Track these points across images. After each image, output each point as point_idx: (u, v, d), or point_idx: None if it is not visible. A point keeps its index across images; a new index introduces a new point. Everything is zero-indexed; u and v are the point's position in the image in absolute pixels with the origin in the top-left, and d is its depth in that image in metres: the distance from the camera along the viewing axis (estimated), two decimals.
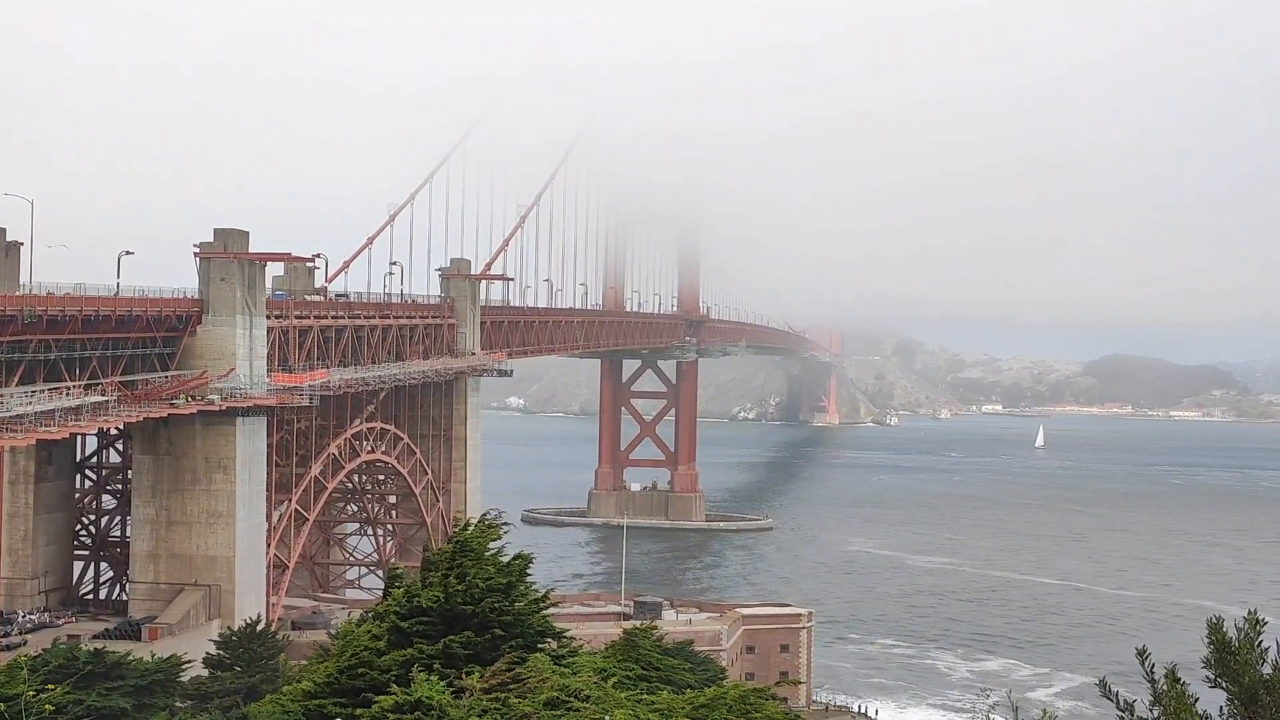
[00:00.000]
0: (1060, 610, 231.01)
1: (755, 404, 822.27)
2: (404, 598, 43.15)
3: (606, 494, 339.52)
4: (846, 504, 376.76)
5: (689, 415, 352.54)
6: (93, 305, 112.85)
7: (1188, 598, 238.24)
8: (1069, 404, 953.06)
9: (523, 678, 36.16)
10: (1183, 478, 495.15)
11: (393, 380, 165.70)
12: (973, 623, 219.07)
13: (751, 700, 36.63)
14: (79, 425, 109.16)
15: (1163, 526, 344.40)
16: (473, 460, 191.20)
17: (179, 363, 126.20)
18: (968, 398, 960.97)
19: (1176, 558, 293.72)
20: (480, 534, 44.77)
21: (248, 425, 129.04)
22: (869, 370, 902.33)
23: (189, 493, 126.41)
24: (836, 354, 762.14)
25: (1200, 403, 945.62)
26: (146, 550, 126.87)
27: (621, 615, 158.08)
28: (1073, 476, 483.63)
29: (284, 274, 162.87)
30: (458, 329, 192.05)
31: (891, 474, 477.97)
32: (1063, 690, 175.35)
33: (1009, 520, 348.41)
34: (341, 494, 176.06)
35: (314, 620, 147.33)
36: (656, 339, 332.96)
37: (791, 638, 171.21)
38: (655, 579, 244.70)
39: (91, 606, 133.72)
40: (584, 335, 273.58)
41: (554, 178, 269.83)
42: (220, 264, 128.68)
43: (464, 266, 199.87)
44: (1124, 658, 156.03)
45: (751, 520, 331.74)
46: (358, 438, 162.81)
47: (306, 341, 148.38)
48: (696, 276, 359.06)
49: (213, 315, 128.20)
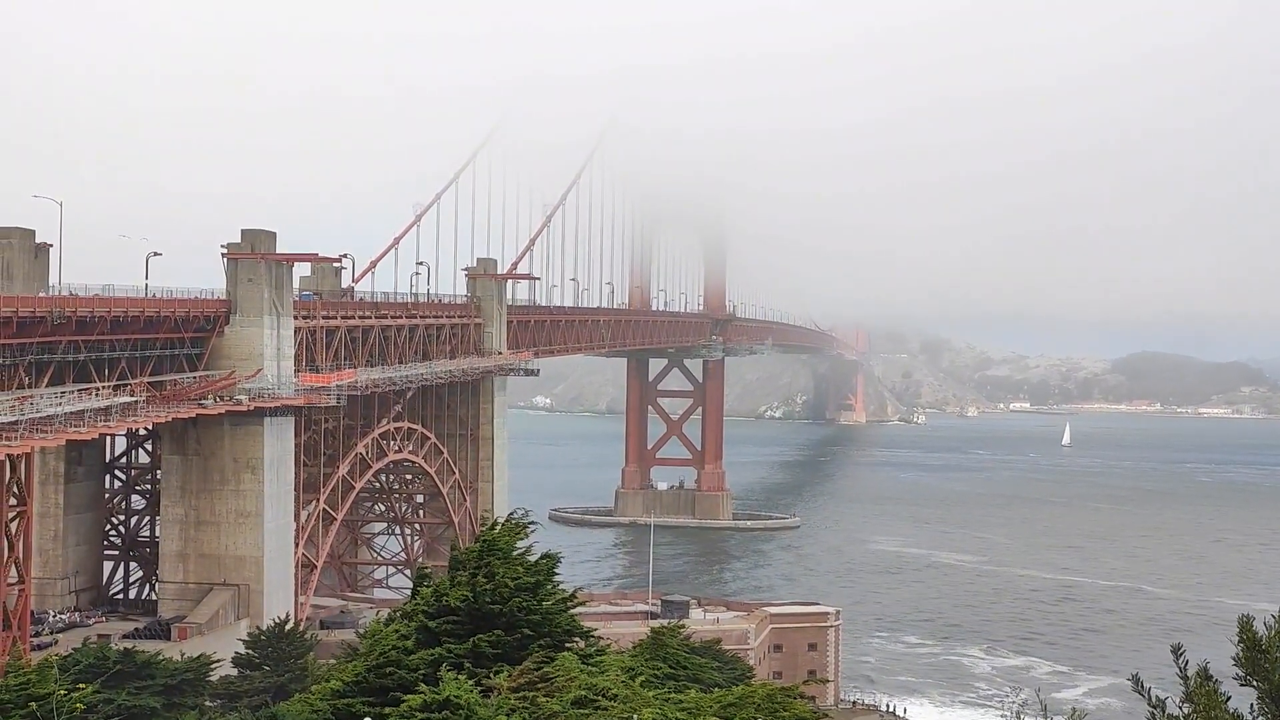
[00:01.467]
0: (1087, 608, 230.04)
1: (782, 402, 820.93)
2: (432, 597, 43.24)
3: (633, 493, 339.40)
4: (873, 502, 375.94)
5: (715, 414, 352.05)
6: (121, 306, 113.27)
7: (1216, 595, 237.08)
8: (1097, 401, 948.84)
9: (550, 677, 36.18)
10: (1211, 475, 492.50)
11: (419, 380, 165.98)
12: (1000, 621, 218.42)
13: (779, 699, 36.56)
14: (108, 426, 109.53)
15: (1190, 524, 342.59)
16: (499, 460, 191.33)
17: (207, 363, 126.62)
18: (995, 396, 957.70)
19: (1204, 556, 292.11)
20: (508, 533, 44.84)
21: (275, 425, 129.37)
22: (896, 368, 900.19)
23: (217, 493, 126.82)
24: (863, 352, 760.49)
25: (1229, 400, 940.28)
26: (175, 550, 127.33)
27: (649, 614, 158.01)
28: (1100, 474, 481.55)
29: (311, 274, 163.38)
30: (484, 328, 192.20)
31: (918, 472, 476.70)
32: (1090, 689, 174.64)
33: (1035, 518, 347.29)
34: (369, 493, 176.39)
35: (342, 620, 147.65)
36: (682, 338, 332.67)
37: (819, 636, 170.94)
38: (682, 578, 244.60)
39: (121, 606, 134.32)
40: (610, 334, 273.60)
41: (579, 177, 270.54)
42: (248, 265, 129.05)
43: (490, 266, 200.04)
44: (1152, 656, 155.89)
45: (778, 519, 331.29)
46: (385, 437, 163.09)
47: (334, 342, 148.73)
48: (722, 275, 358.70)
49: (240, 316, 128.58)
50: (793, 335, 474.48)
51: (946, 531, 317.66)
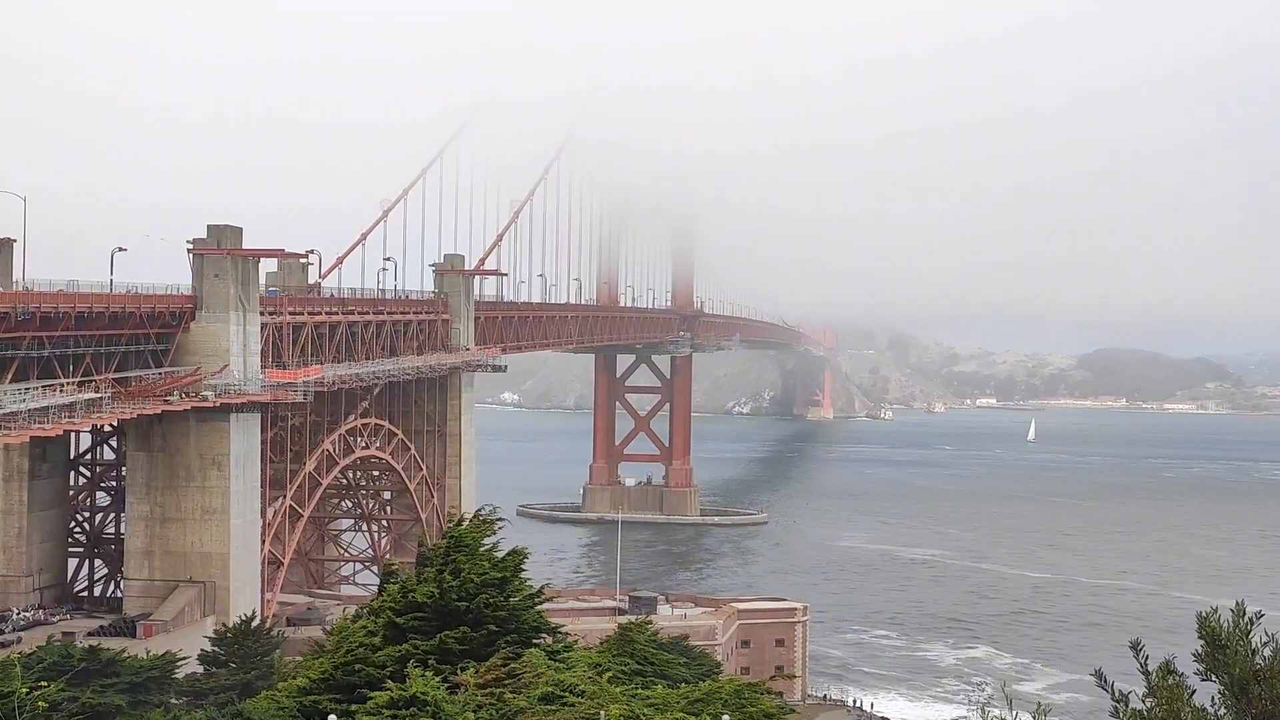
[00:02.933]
0: (1051, 603, 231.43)
1: (750, 398, 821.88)
2: (399, 593, 43.20)
3: (601, 489, 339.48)
4: (840, 498, 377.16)
5: (683, 410, 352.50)
6: (86, 302, 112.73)
7: (1177, 590, 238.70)
8: (1063, 397, 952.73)
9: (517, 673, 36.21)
10: (1175, 470, 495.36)
11: (387, 376, 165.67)
12: (966, 615, 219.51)
13: (746, 694, 36.69)
14: (73, 422, 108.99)
15: (1154, 519, 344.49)
16: (467, 456, 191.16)
17: (173, 359, 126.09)
18: (962, 391, 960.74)
19: (1167, 550, 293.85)
20: (475, 530, 44.84)
21: (242, 421, 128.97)
22: (863, 364, 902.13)
23: (183, 489, 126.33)
24: (831, 348, 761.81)
25: (1194, 395, 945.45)
26: (141, 547, 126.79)
27: (616, 610, 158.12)
28: (1064, 470, 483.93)
29: (277, 270, 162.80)
30: (452, 324, 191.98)
31: (885, 468, 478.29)
32: (1054, 684, 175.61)
33: (1000, 513, 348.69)
34: (336, 490, 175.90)
35: (309, 616, 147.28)
36: (651, 334, 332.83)
37: (786, 632, 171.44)
38: (650, 574, 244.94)
39: (86, 603, 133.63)
40: (578, 330, 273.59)
41: (547, 173, 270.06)
42: (214, 260, 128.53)
43: (458, 262, 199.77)
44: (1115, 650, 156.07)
45: (746, 514, 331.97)
46: (352, 434, 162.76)
47: (300, 337, 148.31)
48: (690, 271, 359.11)
49: (206, 311, 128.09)
50: (760, 331, 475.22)
51: (912, 527, 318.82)
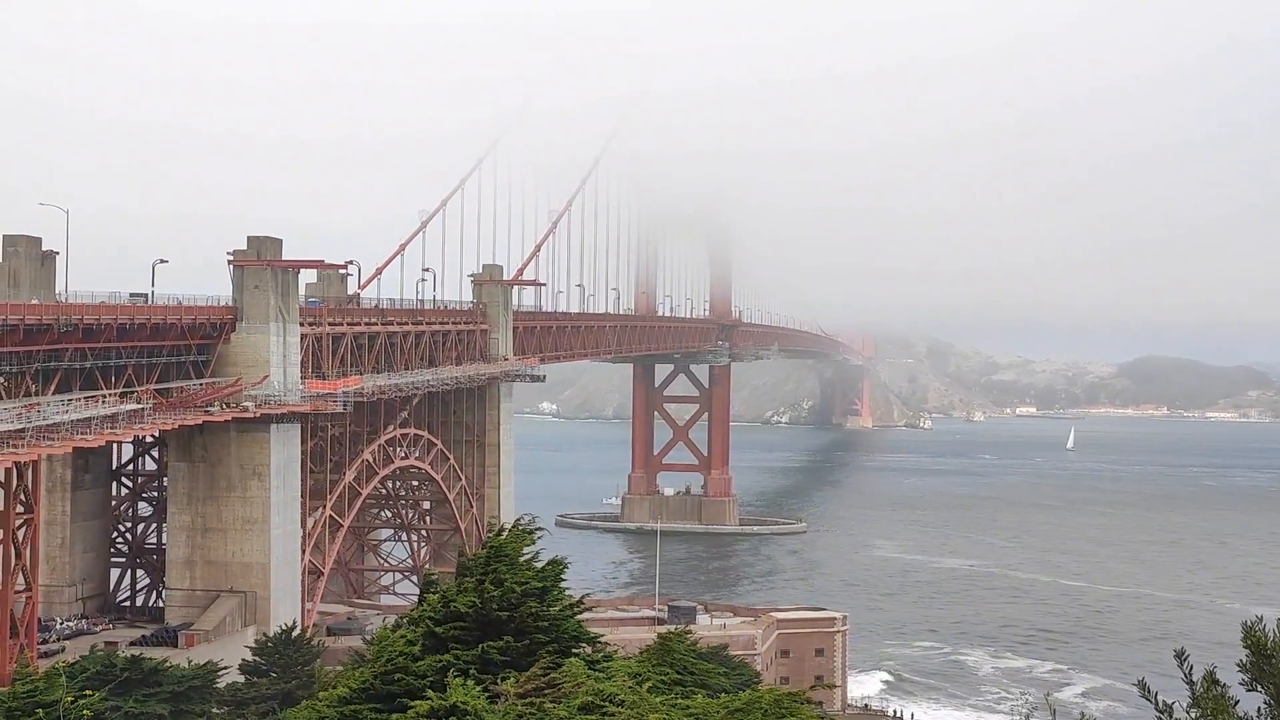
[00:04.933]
0: (1092, 612, 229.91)
1: (788, 408, 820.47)
2: (439, 603, 43.20)
3: (640, 499, 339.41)
4: (880, 507, 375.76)
5: (722, 419, 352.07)
6: (127, 313, 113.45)
7: (1219, 599, 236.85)
8: (1103, 406, 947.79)
9: (557, 683, 36.18)
10: (1216, 479, 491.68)
11: (426, 386, 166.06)
12: (1006, 625, 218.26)
13: (786, 704, 36.53)
14: (115, 433, 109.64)
15: (1195, 528, 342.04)
16: (506, 466, 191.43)
17: (213, 370, 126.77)
18: (1001, 400, 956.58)
19: (1208, 559, 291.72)
20: (514, 539, 44.83)
21: (282, 432, 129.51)
22: (902, 373, 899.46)
23: (224, 499, 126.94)
24: (869, 357, 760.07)
25: (1236, 403, 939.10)
26: (182, 557, 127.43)
27: (655, 620, 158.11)
28: (1103, 479, 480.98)
29: (317, 281, 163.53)
30: (490, 335, 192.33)
31: (924, 477, 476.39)
32: (1090, 690, 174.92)
33: (1039, 522, 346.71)
34: (375, 500, 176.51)
35: (349, 626, 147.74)
36: (689, 343, 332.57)
37: (826, 641, 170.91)
38: (689, 583, 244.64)
39: (128, 613, 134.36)
40: (616, 340, 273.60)
41: (585, 183, 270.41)
42: (254, 271, 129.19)
43: (496, 272, 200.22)
44: (1154, 659, 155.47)
45: (785, 524, 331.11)
46: (391, 444, 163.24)
47: (340, 348, 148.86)
48: (728, 280, 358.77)
49: (246, 322, 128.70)
50: (799, 340, 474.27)
51: (951, 536, 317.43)
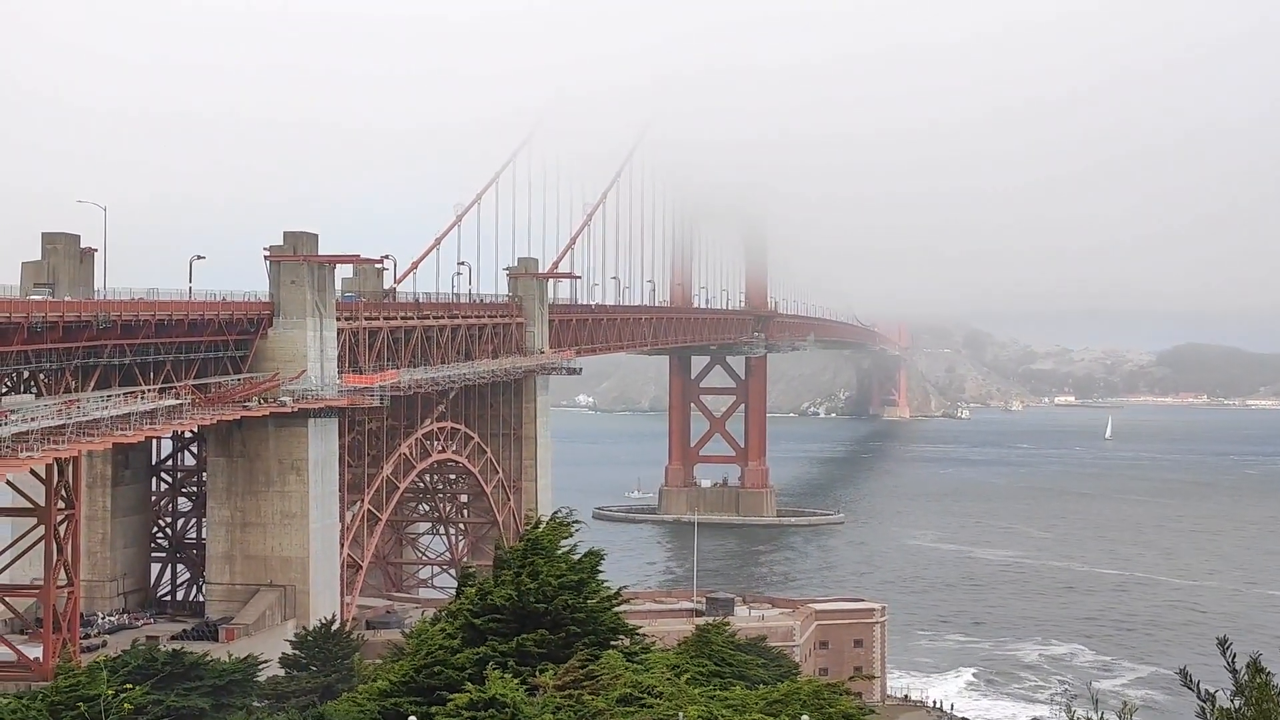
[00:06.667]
0: (1132, 601, 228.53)
1: (825, 398, 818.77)
2: (477, 596, 43.31)
3: (677, 490, 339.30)
4: (917, 498, 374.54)
5: (758, 411, 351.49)
6: (165, 310, 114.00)
7: (1262, 587, 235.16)
8: (1143, 394, 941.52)
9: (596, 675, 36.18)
10: (1258, 466, 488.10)
11: (462, 380, 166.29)
12: (1046, 615, 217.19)
13: (825, 695, 36.45)
14: (154, 429, 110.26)
15: (1236, 515, 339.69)
16: (543, 458, 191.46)
17: (251, 365, 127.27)
18: (1039, 389, 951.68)
19: (1250, 547, 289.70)
20: (551, 532, 44.86)
21: (319, 426, 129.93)
22: (939, 363, 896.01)
23: (263, 494, 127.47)
24: (905, 347, 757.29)
25: (1277, 391, 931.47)
26: (222, 552, 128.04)
27: (694, 612, 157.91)
28: (1143, 467, 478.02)
29: (353, 276, 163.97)
30: (526, 328, 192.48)
31: (962, 467, 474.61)
32: (1132, 680, 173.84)
33: (1079, 511, 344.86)
34: (413, 494, 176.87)
35: (388, 620, 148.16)
36: (724, 335, 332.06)
37: (865, 632, 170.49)
38: (727, 575, 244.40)
39: (169, 608, 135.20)
40: (652, 332, 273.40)
41: (620, 175, 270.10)
42: (290, 267, 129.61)
43: (531, 265, 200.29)
44: (1198, 648, 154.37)
45: (823, 515, 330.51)
46: (428, 438, 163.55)
47: (376, 342, 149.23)
48: (764, 271, 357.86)
49: (283, 318, 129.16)
50: (835, 331, 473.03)
51: (990, 526, 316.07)
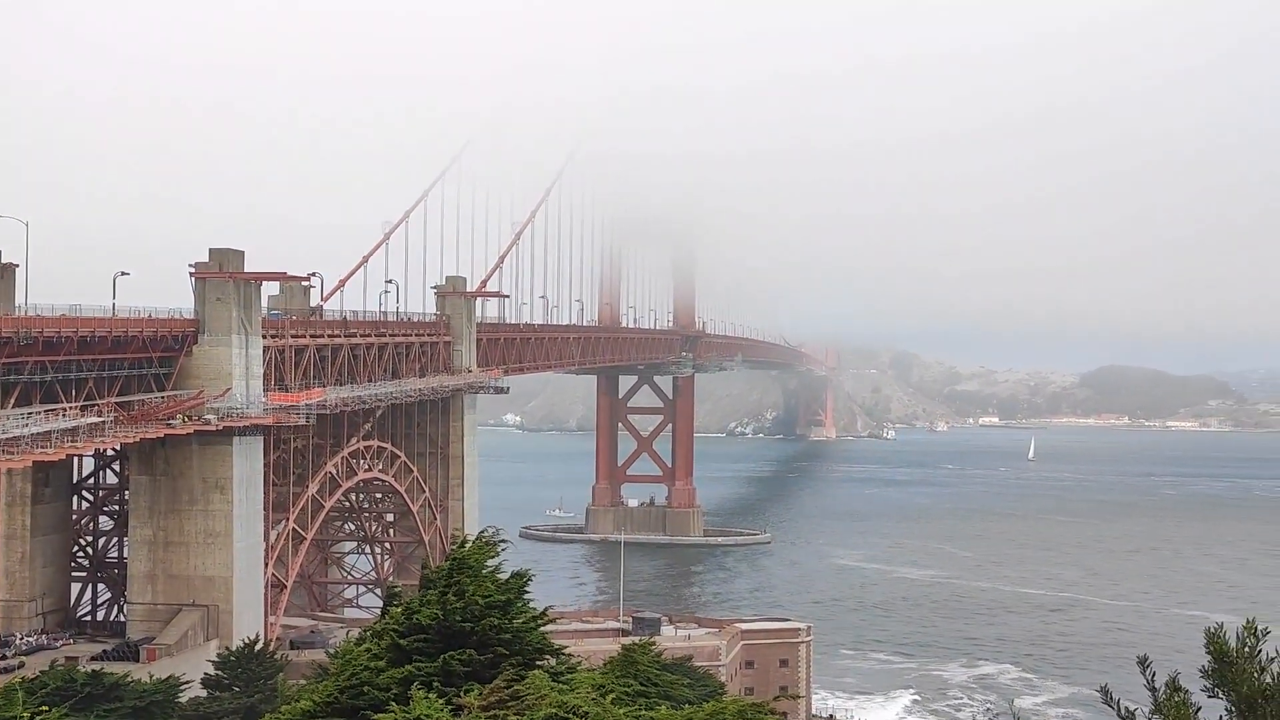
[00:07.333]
0: (1054, 620, 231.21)
1: (752, 419, 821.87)
2: (402, 615, 43.06)
3: (604, 510, 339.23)
4: (843, 518, 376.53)
5: (686, 430, 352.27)
6: (88, 326, 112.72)
7: (1178, 607, 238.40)
8: (1066, 415, 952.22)
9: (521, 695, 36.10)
10: (1176, 488, 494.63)
11: (389, 398, 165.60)
12: (969, 634, 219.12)
13: (750, 715, 36.52)
14: (75, 446, 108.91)
15: (1156, 536, 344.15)
16: (470, 478, 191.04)
17: (175, 383, 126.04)
18: (964, 410, 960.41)
19: (1169, 567, 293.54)
20: (478, 551, 44.71)
21: (244, 445, 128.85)
22: (865, 384, 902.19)
23: (186, 513, 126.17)
24: (832, 368, 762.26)
25: (1197, 413, 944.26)
26: (144, 571, 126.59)
27: (620, 631, 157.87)
28: (1065, 488, 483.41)
29: (280, 293, 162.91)
30: (453, 346, 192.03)
31: (888, 487, 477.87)
32: (1053, 698, 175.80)
33: (1002, 532, 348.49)
34: (339, 512, 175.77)
35: (312, 639, 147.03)
36: (652, 355, 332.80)
37: (790, 652, 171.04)
38: (653, 594, 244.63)
39: (89, 628, 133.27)
40: (580, 351, 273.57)
41: (549, 195, 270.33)
42: (216, 284, 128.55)
43: (459, 284, 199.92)
44: (1119, 666, 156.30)
45: (749, 535, 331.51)
46: (354, 456, 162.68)
47: (303, 360, 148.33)
48: (692, 292, 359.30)
49: (209, 335, 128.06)
50: (763, 351, 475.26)
51: (915, 546, 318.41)
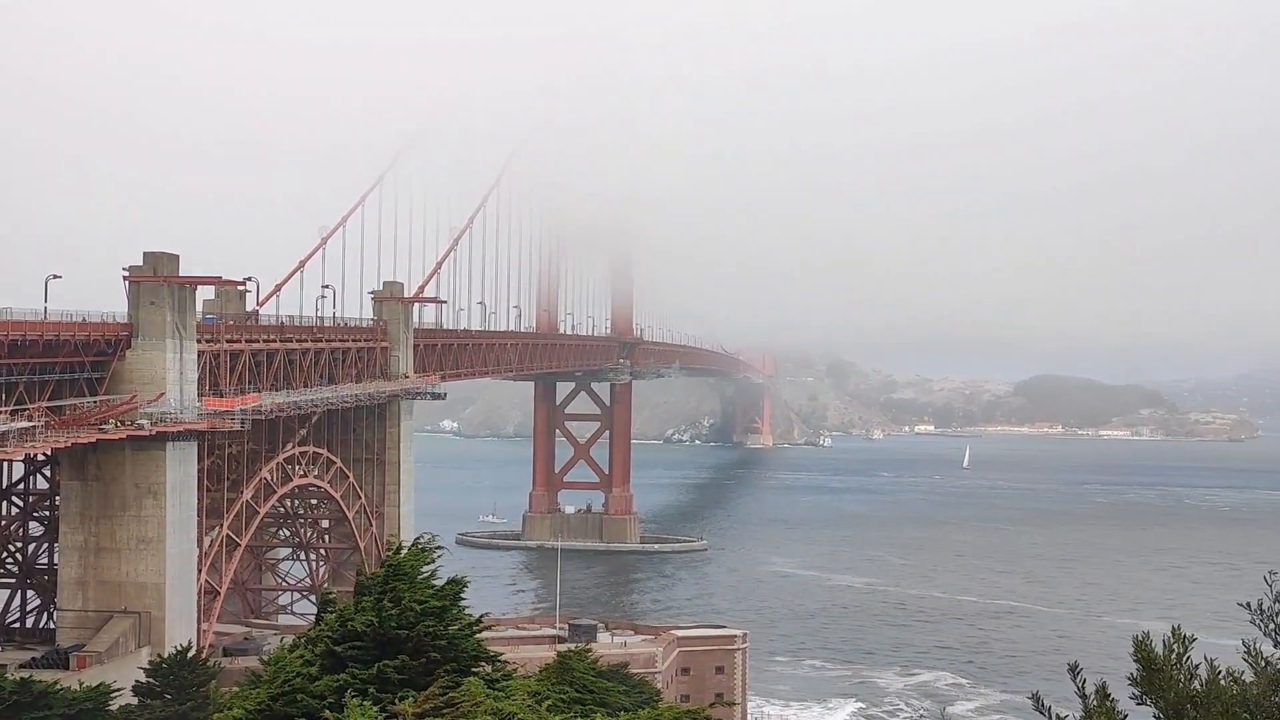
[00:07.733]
0: (987, 627, 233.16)
1: (689, 426, 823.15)
2: (337, 622, 42.89)
3: (541, 517, 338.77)
4: (780, 525, 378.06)
5: (623, 437, 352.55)
6: (19, 329, 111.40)
7: (1111, 614, 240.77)
8: (1001, 424, 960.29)
9: (456, 702, 36.04)
10: (1108, 496, 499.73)
11: (325, 404, 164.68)
12: (902, 641, 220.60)
13: None
14: (4, 451, 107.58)
15: (1087, 544, 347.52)
16: (406, 484, 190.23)
17: (108, 387, 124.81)
18: (900, 418, 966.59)
19: (1100, 574, 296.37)
20: (413, 557, 44.60)
21: (178, 450, 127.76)
22: (802, 391, 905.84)
23: (118, 519, 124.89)
24: (770, 375, 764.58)
25: (1129, 422, 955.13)
26: (74, 577, 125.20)
27: (556, 638, 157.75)
28: (998, 496, 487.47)
29: (215, 297, 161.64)
30: (390, 352, 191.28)
31: (824, 495, 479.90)
32: (985, 704, 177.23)
33: (937, 539, 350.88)
34: (273, 519, 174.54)
35: (246, 646, 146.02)
36: (590, 361, 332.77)
37: (726, 659, 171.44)
38: (590, 601, 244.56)
39: (18, 635, 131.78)
40: (518, 358, 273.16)
41: (486, 200, 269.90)
42: (150, 288, 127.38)
43: (396, 289, 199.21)
44: (1048, 674, 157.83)
45: (686, 542, 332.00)
46: (290, 462, 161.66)
47: (238, 365, 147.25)
48: (630, 298, 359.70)
49: (142, 339, 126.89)
50: (700, 358, 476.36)
51: (850, 553, 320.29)
